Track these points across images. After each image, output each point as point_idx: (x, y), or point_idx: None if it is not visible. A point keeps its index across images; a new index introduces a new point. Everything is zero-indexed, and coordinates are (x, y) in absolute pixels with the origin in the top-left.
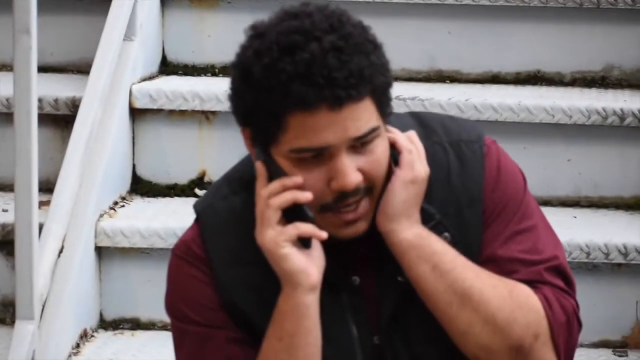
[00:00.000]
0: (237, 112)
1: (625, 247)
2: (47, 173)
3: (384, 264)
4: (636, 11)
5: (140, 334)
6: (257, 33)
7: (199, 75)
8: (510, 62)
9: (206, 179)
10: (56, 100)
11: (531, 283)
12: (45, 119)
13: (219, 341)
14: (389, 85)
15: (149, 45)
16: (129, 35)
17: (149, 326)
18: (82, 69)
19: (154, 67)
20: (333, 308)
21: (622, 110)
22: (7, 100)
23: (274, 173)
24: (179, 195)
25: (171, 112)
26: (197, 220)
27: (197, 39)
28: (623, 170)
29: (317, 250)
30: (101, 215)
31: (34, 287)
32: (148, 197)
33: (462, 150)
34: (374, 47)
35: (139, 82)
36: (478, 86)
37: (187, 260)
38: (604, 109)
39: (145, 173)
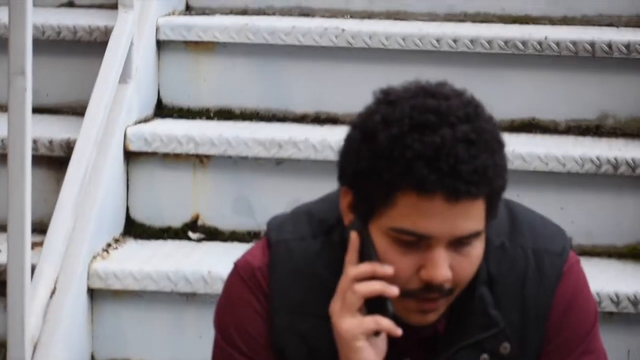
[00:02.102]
0: (346, 172)
1: (617, 296)
2: (40, 214)
3: (439, 354)
4: (631, 60)
5: None
6: (388, 100)
7: (194, 118)
8: (505, 109)
9: (200, 223)
10: (51, 142)
11: None
12: (40, 161)
13: None
14: (504, 189)
15: (144, 88)
16: (124, 78)
17: None
18: (78, 110)
19: (149, 110)
20: None
21: (615, 159)
22: (2, 141)
23: (366, 251)
24: (172, 238)
25: (165, 156)
26: (269, 247)
27: (192, 82)
28: (616, 219)
29: (382, 340)
30: (94, 257)
31: (26, 329)
32: (141, 239)
33: (543, 262)
34: (500, 146)
35: (134, 124)
36: None
37: (248, 285)
38: (597, 158)
39: (139, 216)
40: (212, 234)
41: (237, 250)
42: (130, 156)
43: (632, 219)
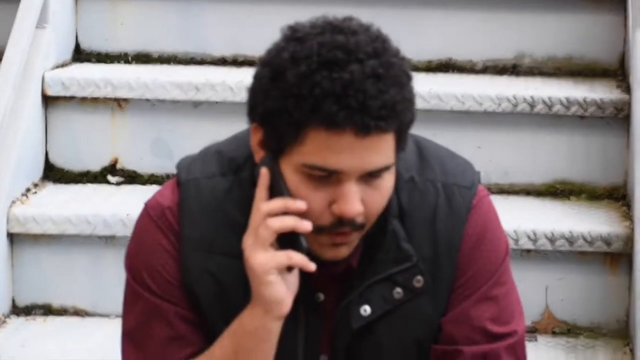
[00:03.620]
0: (255, 110)
1: (534, 233)
2: None
3: (352, 289)
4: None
5: (52, 320)
6: (296, 37)
7: (112, 63)
8: (422, 50)
9: (118, 166)
10: None
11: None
12: None
13: (169, 316)
14: (412, 122)
15: (62, 33)
16: (41, 23)
17: (61, 312)
18: None
19: (67, 54)
20: (287, 320)
21: (532, 97)
22: None
23: (277, 186)
24: (91, 182)
25: (83, 100)
26: (178, 186)
27: (110, 27)
28: (533, 157)
29: (294, 276)
30: (13, 202)
31: None
32: (61, 184)
33: (453, 195)
34: (408, 79)
35: (52, 69)
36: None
37: (158, 225)
38: (514, 97)
39: (58, 160)
40: (131, 178)
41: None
42: (49, 101)
43: (549, 157)
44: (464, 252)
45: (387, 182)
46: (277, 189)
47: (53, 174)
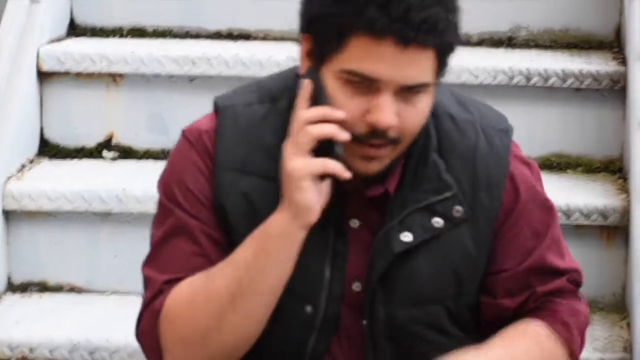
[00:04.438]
0: (304, 16)
1: None
2: None
3: (392, 216)
4: None
5: (48, 297)
6: None
7: (107, 37)
8: None
9: (114, 142)
10: None
11: (555, 293)
12: None
13: (196, 232)
14: (453, 48)
15: (57, 8)
16: None
17: (57, 289)
18: None
19: (62, 29)
20: (317, 242)
21: (528, 70)
22: None
23: (318, 96)
24: (86, 158)
25: (78, 75)
26: (216, 114)
27: (105, 1)
28: (529, 130)
29: (326, 185)
30: (8, 178)
31: None
32: (56, 159)
33: (492, 137)
34: (454, 7)
35: (47, 44)
36: None
37: (194, 146)
38: (510, 69)
39: (53, 136)
40: (127, 153)
41: (151, 168)
42: (44, 76)
43: (545, 130)
44: (511, 197)
45: (424, 102)
46: (317, 100)
47: (48, 149)
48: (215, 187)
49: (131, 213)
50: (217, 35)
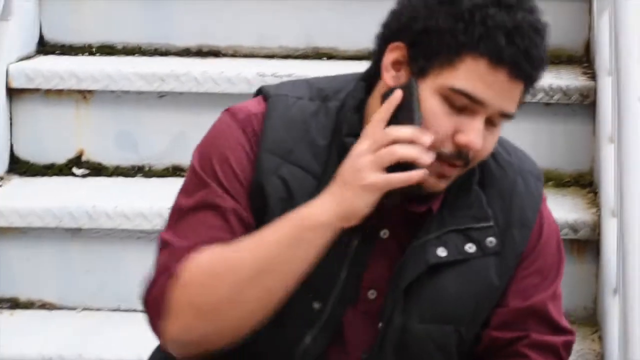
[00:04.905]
0: (408, 27)
1: None
2: None
3: (429, 231)
4: None
5: (19, 313)
6: None
7: (76, 54)
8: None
9: (84, 158)
10: None
11: (548, 348)
12: None
13: (228, 210)
14: (537, 80)
15: (26, 25)
16: (5, 16)
17: (28, 305)
18: None
19: (32, 47)
20: (339, 243)
21: None
22: None
23: (408, 109)
24: (57, 175)
25: (48, 92)
26: (265, 101)
27: (74, 18)
28: None
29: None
30: None
31: None
32: (26, 176)
33: (528, 180)
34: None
35: (16, 61)
36: (356, 63)
37: (241, 126)
38: None
39: (23, 153)
40: (97, 170)
41: (121, 185)
42: (13, 93)
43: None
44: (535, 238)
45: (499, 132)
46: (407, 111)
47: (18, 167)
48: (257, 168)
49: (102, 229)
50: (187, 52)
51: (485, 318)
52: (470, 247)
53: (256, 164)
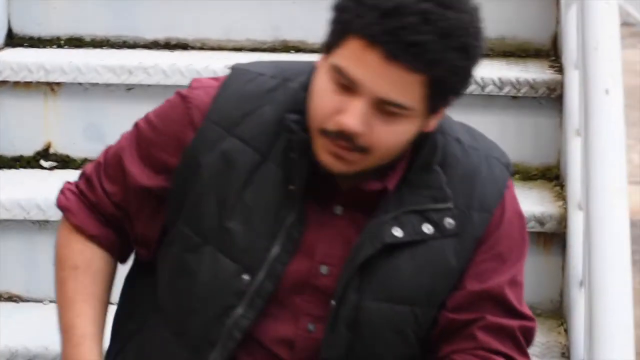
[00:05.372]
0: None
1: None
2: None
3: (387, 211)
4: None
5: None
6: None
7: (44, 47)
8: None
9: (51, 150)
10: None
11: (502, 330)
12: None
13: (135, 172)
14: (450, 86)
15: None
16: None
17: None
18: None
19: (0, 40)
20: (275, 218)
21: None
22: None
23: None
24: (24, 167)
25: (16, 84)
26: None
27: (42, 11)
28: None
29: None
30: None
31: None
32: None
33: (494, 166)
34: (464, 47)
35: None
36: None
37: (186, 102)
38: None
39: None
40: (65, 162)
41: None
42: None
43: None
44: (496, 223)
45: (402, 125)
46: None
47: None
48: (199, 136)
49: None
50: (155, 45)
51: (442, 300)
52: (428, 228)
53: (199, 132)
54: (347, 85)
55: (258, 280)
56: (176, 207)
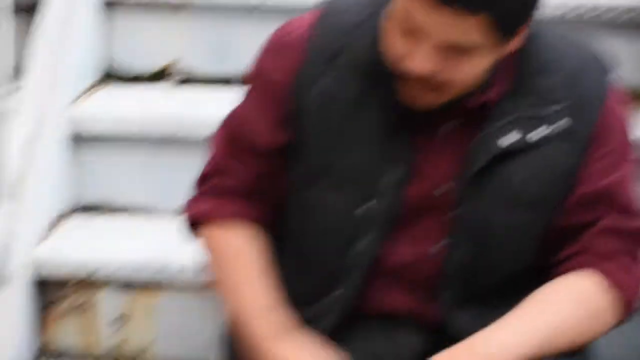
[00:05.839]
0: None
1: None
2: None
3: (491, 124)
4: None
5: (112, 219)
6: None
7: None
8: None
9: (177, 68)
10: None
11: (620, 231)
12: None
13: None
14: (515, 17)
15: None
16: None
17: (121, 210)
18: None
19: None
20: (393, 147)
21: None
22: None
23: None
24: (150, 83)
25: (144, 3)
26: (322, 10)
27: None
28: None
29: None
30: (74, 102)
31: (4, 170)
32: (119, 85)
33: (594, 62)
34: None
35: None
36: None
37: (276, 51)
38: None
39: (117, 62)
40: (189, 80)
41: (212, 95)
42: (109, 5)
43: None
44: (606, 119)
45: (475, 59)
46: None
47: (113, 75)
48: (302, 74)
49: (192, 137)
50: None
51: (557, 204)
52: (536, 133)
53: (299, 74)
54: (411, 30)
55: (376, 208)
56: (292, 150)
